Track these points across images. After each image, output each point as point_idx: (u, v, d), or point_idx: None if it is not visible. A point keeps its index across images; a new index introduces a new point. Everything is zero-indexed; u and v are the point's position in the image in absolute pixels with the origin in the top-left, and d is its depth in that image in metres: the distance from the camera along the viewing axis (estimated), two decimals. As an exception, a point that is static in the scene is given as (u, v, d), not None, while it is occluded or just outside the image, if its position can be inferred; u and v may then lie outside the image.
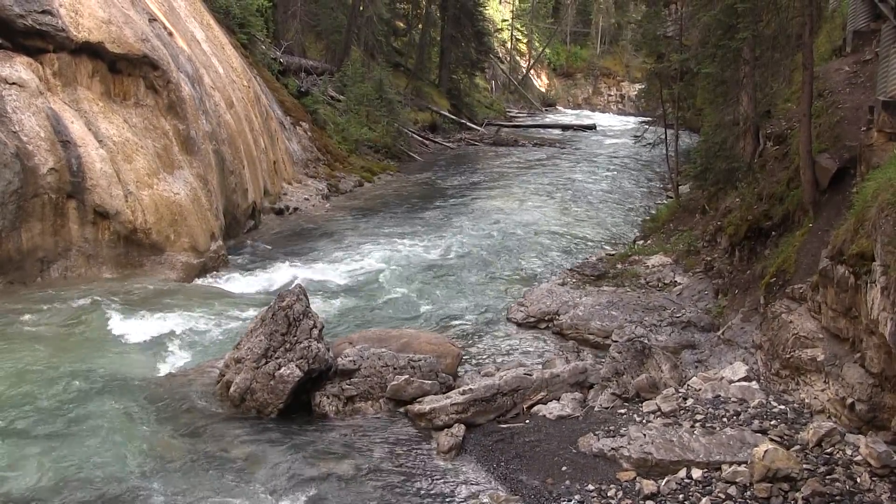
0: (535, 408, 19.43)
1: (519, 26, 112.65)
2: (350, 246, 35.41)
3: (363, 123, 57.71)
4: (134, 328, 23.97)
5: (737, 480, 15.37)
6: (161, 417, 18.68)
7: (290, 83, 54.93)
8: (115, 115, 29.58)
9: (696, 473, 15.89)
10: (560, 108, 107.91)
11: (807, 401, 18.07)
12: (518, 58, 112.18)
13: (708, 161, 31.02)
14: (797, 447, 15.99)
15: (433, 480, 16.75)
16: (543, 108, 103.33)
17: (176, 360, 22.53)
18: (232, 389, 19.24)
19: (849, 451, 15.64)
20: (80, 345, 22.71)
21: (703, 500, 15.13)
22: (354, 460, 17.35)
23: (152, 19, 33.24)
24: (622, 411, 18.84)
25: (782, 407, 17.95)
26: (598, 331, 25.04)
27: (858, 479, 14.98)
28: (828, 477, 15.09)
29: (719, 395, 18.57)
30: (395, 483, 16.59)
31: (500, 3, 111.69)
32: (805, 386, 18.34)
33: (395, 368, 20.09)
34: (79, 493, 15.54)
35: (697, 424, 17.38)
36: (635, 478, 16.20)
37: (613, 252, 33.74)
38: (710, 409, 17.95)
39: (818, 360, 17.85)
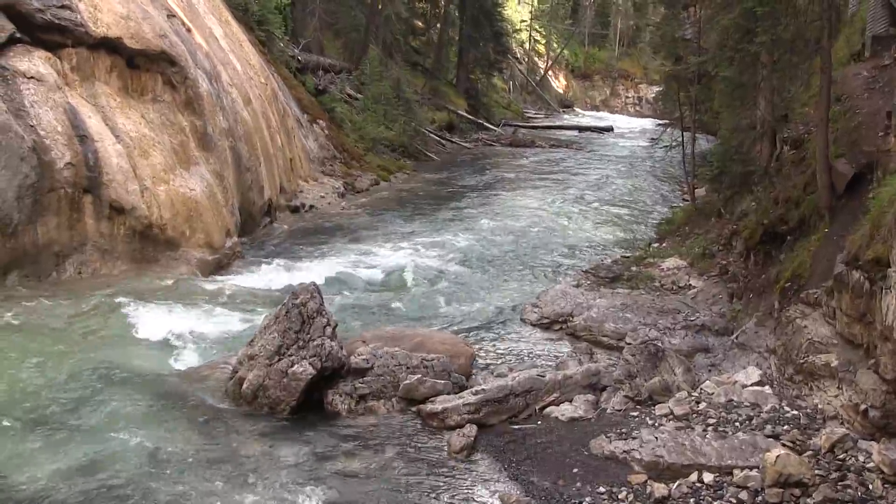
0: (548, 409, 19.42)
1: (537, 27, 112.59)
2: (365, 244, 35.42)
3: (380, 122, 57.65)
4: (148, 323, 23.98)
5: (748, 485, 15.35)
6: (173, 413, 18.71)
7: (307, 81, 54.94)
8: (132, 110, 29.64)
9: (708, 478, 15.87)
10: (578, 109, 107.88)
11: (820, 406, 18.02)
12: (536, 59, 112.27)
13: (724, 164, 30.97)
14: (809, 453, 15.94)
15: (444, 480, 16.75)
16: (561, 110, 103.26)
17: (189, 356, 22.54)
18: (245, 386, 19.26)
19: (861, 458, 15.60)
20: (94, 339, 22.77)
21: (714, 504, 15.14)
22: (366, 459, 17.36)
23: (171, 15, 33.29)
24: (634, 414, 18.82)
25: (795, 412, 17.94)
26: (612, 333, 24.96)
27: (871, 486, 14.94)
28: (840, 483, 15.04)
29: (732, 400, 18.56)
30: (407, 482, 16.58)
31: (519, 3, 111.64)
32: (818, 391, 18.29)
33: (407, 368, 20.09)
34: (90, 486, 15.56)
35: (710, 428, 17.36)
36: (647, 481, 16.18)
37: (628, 254, 33.71)
38: (722, 413, 17.94)
39: (832, 365, 17.79)
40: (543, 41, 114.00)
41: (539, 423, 18.98)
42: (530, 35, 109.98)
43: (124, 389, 19.45)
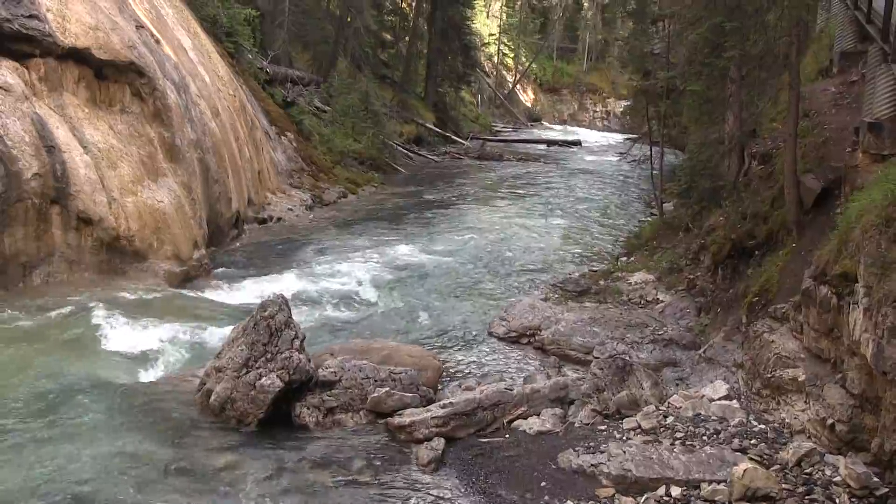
0: (516, 423, 19.41)
1: (506, 41, 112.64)
2: (333, 257, 35.32)
3: (348, 135, 57.55)
4: (115, 335, 23.85)
5: (716, 499, 15.36)
6: (140, 425, 18.58)
7: (276, 93, 54.81)
8: (100, 121, 29.50)
9: (676, 491, 15.86)
10: (546, 123, 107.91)
11: (787, 420, 18.08)
12: (504, 72, 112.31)
13: (692, 179, 31.11)
14: (777, 467, 15.99)
15: (412, 493, 16.69)
16: (529, 123, 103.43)
17: (156, 368, 22.45)
18: (212, 399, 19.17)
19: (828, 472, 15.64)
20: (60, 351, 22.59)
21: (682, 518, 15.15)
22: (333, 472, 17.29)
23: (139, 26, 33.17)
24: (602, 428, 18.81)
25: (762, 426, 17.97)
26: (580, 347, 24.97)
27: (837, 500, 14.97)
28: (807, 497, 15.08)
29: (700, 414, 18.58)
30: (374, 495, 16.52)
31: (488, 17, 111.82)
32: (786, 406, 18.35)
33: (375, 381, 20.05)
34: (55, 498, 15.45)
35: (677, 442, 17.38)
36: (614, 495, 16.17)
37: (596, 268, 33.79)
38: (690, 427, 17.95)
39: (799, 380, 17.86)
40: (512, 55, 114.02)
41: (507, 436, 18.95)
42: (499, 49, 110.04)
43: (90, 401, 19.31)
